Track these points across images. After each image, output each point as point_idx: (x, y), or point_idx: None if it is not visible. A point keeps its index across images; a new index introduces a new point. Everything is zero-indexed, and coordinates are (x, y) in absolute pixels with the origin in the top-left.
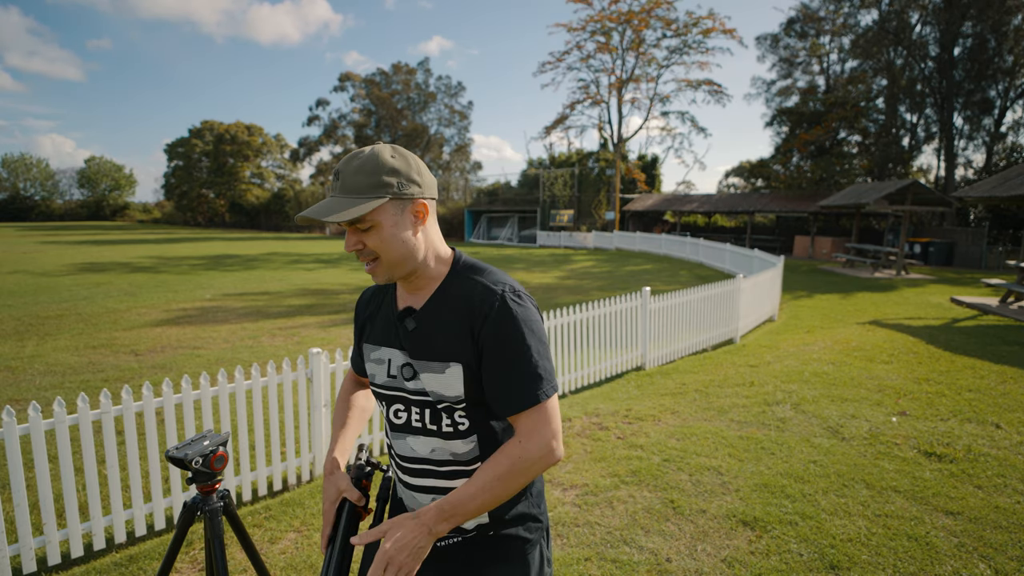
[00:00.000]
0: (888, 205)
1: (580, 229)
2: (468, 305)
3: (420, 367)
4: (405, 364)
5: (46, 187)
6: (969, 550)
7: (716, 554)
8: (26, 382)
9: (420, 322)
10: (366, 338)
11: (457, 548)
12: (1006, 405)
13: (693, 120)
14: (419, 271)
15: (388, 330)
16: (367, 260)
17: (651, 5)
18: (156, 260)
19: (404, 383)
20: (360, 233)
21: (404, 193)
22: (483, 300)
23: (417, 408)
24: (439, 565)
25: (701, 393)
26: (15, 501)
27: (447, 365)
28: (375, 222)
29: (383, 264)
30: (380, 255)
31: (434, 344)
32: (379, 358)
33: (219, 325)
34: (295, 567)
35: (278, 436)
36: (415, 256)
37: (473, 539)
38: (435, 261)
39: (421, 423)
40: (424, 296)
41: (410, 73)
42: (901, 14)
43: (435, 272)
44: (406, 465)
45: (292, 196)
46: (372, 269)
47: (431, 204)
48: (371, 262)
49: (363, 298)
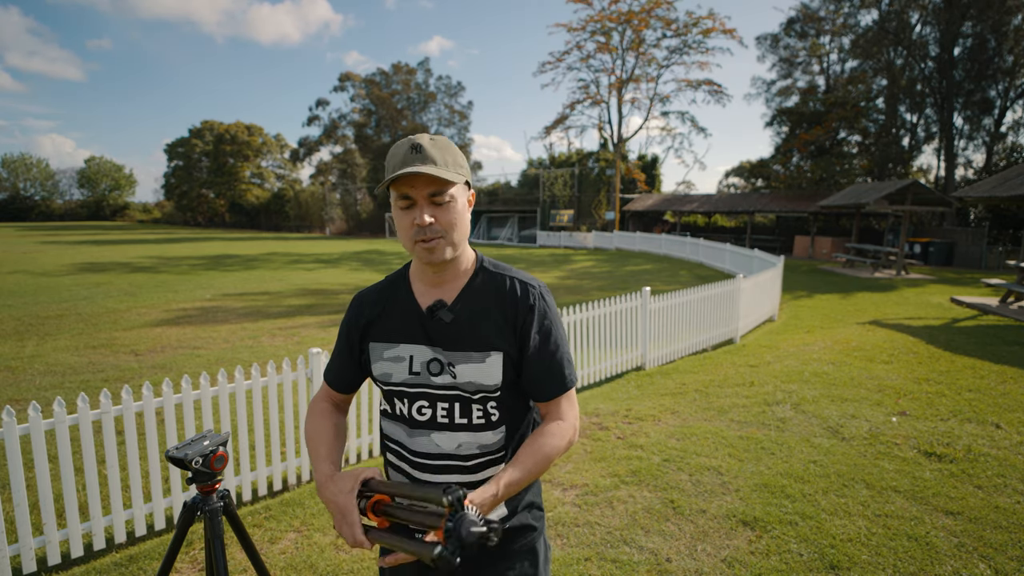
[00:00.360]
0: (888, 205)
1: (580, 229)
2: (507, 298)
3: (457, 358)
4: (432, 359)
5: (46, 187)
6: (969, 550)
7: (716, 554)
8: (26, 382)
9: (456, 314)
10: (376, 337)
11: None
12: (1006, 405)
13: (693, 120)
14: (458, 258)
15: (408, 326)
16: (432, 237)
17: (651, 5)
18: (156, 260)
19: (430, 378)
20: (435, 207)
21: (468, 179)
22: (524, 295)
23: (444, 403)
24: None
25: (701, 393)
26: (15, 501)
27: (487, 355)
28: (453, 197)
29: (446, 241)
30: (447, 232)
31: (473, 335)
32: (397, 355)
33: (219, 325)
34: (295, 567)
35: (278, 436)
36: (465, 239)
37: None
38: (465, 252)
39: (448, 418)
40: (452, 289)
41: (410, 73)
42: (901, 14)
43: (466, 264)
44: (426, 462)
45: (292, 196)
46: (433, 245)
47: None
48: (434, 239)
49: (365, 299)
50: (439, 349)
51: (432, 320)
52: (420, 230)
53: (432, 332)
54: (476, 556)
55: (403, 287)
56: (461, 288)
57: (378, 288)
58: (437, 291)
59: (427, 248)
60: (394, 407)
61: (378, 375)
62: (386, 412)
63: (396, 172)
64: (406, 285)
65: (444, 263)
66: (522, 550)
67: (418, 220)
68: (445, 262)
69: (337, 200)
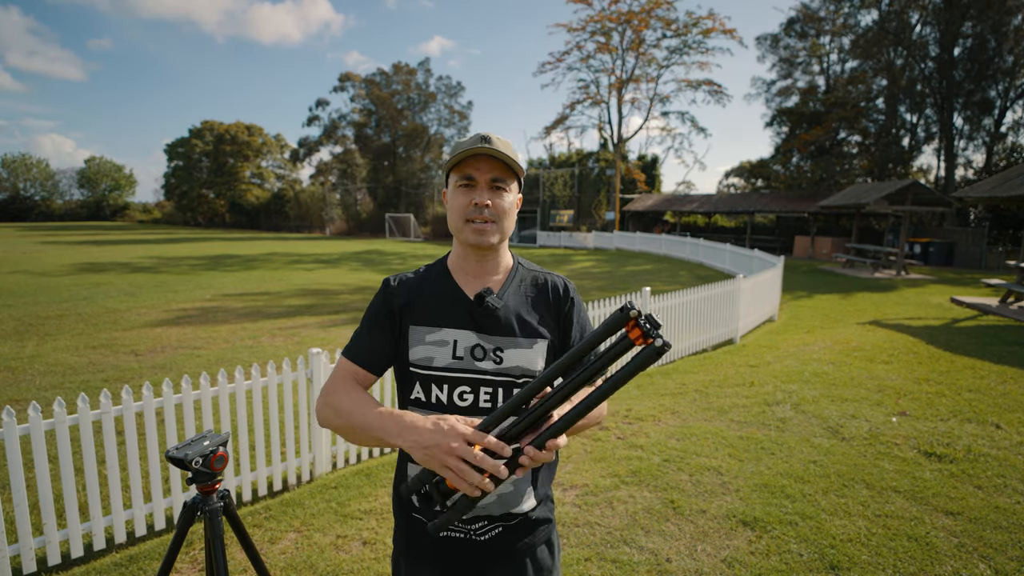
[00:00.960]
0: (888, 205)
1: (580, 229)
2: (549, 291)
3: (506, 343)
4: (476, 345)
5: (46, 187)
6: (969, 550)
7: (716, 554)
8: (26, 382)
9: (505, 301)
10: (416, 321)
11: (500, 538)
12: (1006, 405)
13: (693, 120)
14: (500, 252)
15: (453, 311)
16: (486, 219)
17: (651, 5)
18: (156, 260)
19: (474, 363)
20: (493, 192)
21: (521, 181)
22: (565, 289)
23: (487, 388)
24: (484, 556)
25: (701, 393)
26: (15, 501)
27: (534, 341)
28: (510, 188)
29: (498, 227)
30: (500, 217)
31: (521, 322)
32: (441, 340)
33: (219, 325)
34: (295, 567)
35: (278, 436)
36: (510, 233)
37: (513, 527)
38: (506, 249)
39: (492, 403)
40: (495, 281)
41: (410, 73)
42: (901, 14)
43: (507, 260)
44: None
45: (292, 196)
46: (484, 228)
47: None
48: (487, 222)
49: (403, 281)
50: (485, 335)
51: (481, 307)
52: (476, 209)
53: (480, 318)
54: (501, 554)
55: (444, 275)
56: (504, 280)
57: (417, 273)
58: (479, 282)
59: (477, 229)
60: (430, 395)
61: (417, 359)
62: (419, 401)
63: (466, 152)
64: (447, 273)
65: (489, 248)
66: (542, 541)
67: (478, 199)
68: (491, 247)
69: (337, 200)
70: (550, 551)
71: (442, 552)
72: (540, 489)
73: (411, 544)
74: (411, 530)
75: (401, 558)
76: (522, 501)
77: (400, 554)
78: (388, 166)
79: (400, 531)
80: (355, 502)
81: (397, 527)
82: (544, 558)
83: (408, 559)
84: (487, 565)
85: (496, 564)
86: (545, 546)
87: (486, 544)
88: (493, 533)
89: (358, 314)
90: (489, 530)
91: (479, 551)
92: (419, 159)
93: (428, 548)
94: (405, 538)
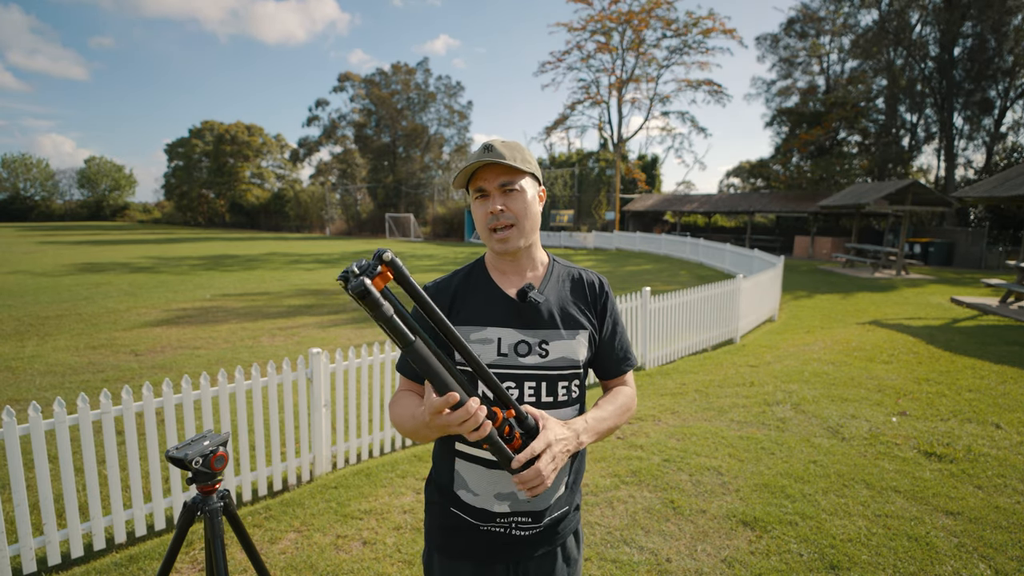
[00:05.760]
0: (888, 205)
1: (580, 229)
2: (586, 286)
3: (551, 336)
4: (520, 341)
5: (46, 187)
6: (969, 550)
7: (716, 554)
8: (26, 382)
9: (547, 296)
10: (461, 321)
11: (539, 533)
12: (1006, 405)
13: (693, 120)
14: (532, 248)
15: (495, 310)
16: (504, 226)
17: (651, 5)
18: (156, 260)
19: (518, 359)
20: (505, 196)
21: (537, 176)
22: (600, 284)
23: (531, 383)
24: (522, 549)
25: (701, 393)
26: (15, 501)
27: (576, 332)
28: (522, 188)
29: (517, 231)
30: (518, 220)
31: (564, 315)
32: (485, 338)
33: (219, 325)
34: (295, 567)
35: (278, 436)
36: (536, 230)
37: (551, 521)
38: (539, 246)
39: (536, 396)
40: (533, 278)
41: (410, 73)
42: (901, 14)
43: (543, 257)
44: None
45: (292, 196)
46: (505, 235)
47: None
48: (506, 228)
49: (445, 285)
50: (528, 331)
51: (524, 303)
52: (493, 217)
53: (523, 314)
54: (540, 550)
55: (483, 276)
56: (543, 276)
57: (456, 276)
58: (519, 279)
59: (500, 239)
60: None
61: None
62: None
63: (471, 167)
64: (486, 274)
65: (517, 251)
66: (571, 531)
67: (491, 208)
68: (518, 250)
69: (337, 200)
70: (577, 542)
71: (481, 546)
72: (575, 482)
73: (448, 539)
74: (448, 524)
75: (435, 553)
76: (559, 496)
77: (434, 549)
78: (388, 166)
79: (434, 526)
80: (355, 502)
81: (431, 522)
82: (572, 548)
83: (442, 554)
84: (523, 558)
85: (531, 556)
86: (573, 536)
87: (525, 539)
88: (535, 529)
89: (358, 314)
90: (531, 527)
91: (517, 545)
92: (419, 159)
93: (465, 542)
94: (441, 532)
